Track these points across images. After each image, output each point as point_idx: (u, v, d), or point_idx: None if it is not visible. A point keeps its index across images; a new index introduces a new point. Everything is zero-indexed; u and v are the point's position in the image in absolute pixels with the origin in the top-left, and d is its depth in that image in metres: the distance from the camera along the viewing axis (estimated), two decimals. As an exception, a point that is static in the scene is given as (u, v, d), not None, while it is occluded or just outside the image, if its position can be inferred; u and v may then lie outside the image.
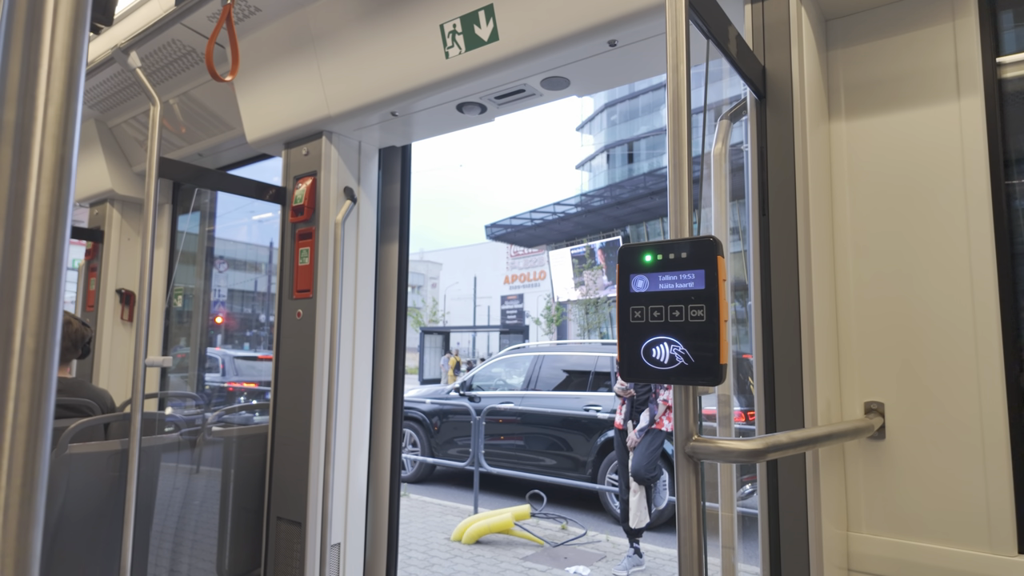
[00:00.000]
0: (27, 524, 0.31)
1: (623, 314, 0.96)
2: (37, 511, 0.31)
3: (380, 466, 2.44)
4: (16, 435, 0.30)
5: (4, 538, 0.30)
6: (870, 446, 1.43)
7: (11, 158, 0.32)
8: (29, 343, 0.31)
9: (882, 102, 1.49)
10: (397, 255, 2.55)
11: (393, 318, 2.50)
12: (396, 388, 2.48)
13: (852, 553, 1.42)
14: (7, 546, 0.30)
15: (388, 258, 2.54)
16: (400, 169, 2.57)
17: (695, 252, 0.90)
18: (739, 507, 1.51)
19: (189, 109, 2.91)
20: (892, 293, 1.43)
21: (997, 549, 1.26)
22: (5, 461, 0.30)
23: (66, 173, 0.33)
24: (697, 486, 0.92)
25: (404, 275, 2.57)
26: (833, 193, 1.53)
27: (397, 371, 2.50)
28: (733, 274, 1.59)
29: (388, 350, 2.49)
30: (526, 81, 1.91)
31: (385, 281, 2.54)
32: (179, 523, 2.33)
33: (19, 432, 0.31)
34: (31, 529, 0.31)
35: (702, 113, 1.51)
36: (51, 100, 0.33)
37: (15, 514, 0.31)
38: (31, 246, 0.32)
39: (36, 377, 0.31)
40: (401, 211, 2.57)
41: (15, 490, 0.30)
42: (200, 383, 3.60)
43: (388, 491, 2.43)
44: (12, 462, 0.30)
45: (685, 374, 0.89)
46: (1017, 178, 1.41)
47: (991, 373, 1.30)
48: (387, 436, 2.46)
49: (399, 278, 2.52)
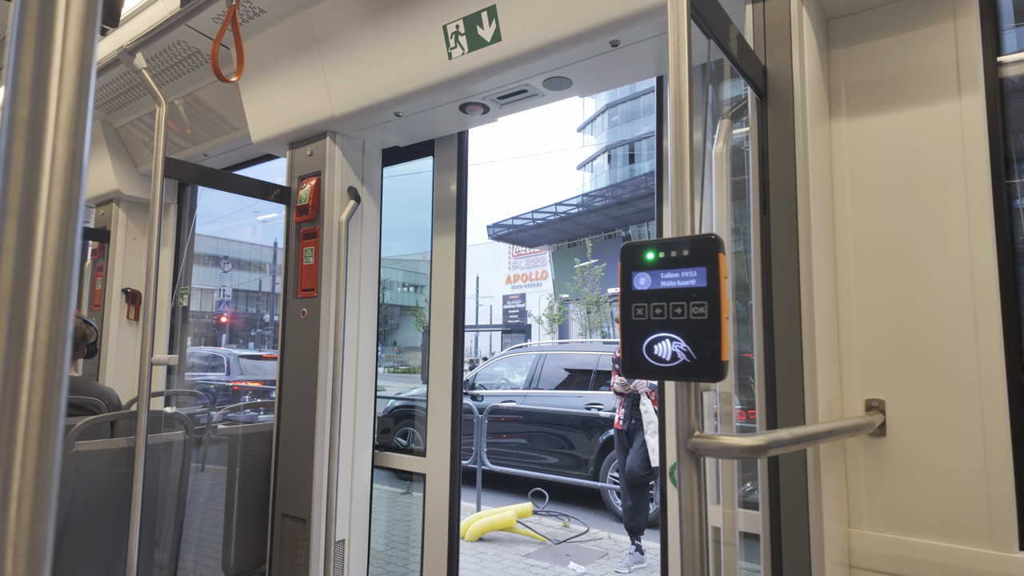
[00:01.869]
0: (40, 513, 0.32)
1: (625, 311, 0.97)
2: (50, 501, 0.32)
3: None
4: (30, 426, 0.31)
5: (18, 527, 0.31)
6: (871, 443, 1.43)
7: (24, 153, 0.33)
8: (42, 336, 0.32)
9: (883, 101, 1.49)
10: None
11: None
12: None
13: (853, 550, 1.43)
14: (20, 535, 0.31)
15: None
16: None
17: (696, 250, 0.91)
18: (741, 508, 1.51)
19: (194, 110, 2.93)
20: (893, 291, 1.44)
21: (998, 546, 1.27)
22: (19, 452, 0.31)
23: (77, 169, 0.34)
24: (699, 482, 0.93)
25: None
26: (834, 192, 1.53)
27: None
28: (734, 273, 1.61)
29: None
30: (528, 81, 1.92)
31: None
32: (185, 520, 2.35)
33: (32, 423, 0.31)
34: (44, 518, 0.32)
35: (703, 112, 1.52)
36: (63, 97, 0.34)
37: (28, 504, 0.31)
38: (44, 240, 0.32)
39: (49, 369, 0.32)
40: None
41: (28, 480, 0.31)
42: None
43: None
44: (26, 452, 0.31)
45: (687, 371, 0.90)
46: (1018, 177, 1.41)
47: (992, 370, 1.31)
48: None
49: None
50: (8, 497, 0.31)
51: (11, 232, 0.32)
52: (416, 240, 2.61)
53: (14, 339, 0.31)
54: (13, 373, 0.31)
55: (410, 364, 9.91)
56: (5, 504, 0.30)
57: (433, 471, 2.41)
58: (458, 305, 2.41)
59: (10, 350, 0.31)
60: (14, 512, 0.31)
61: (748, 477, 1.65)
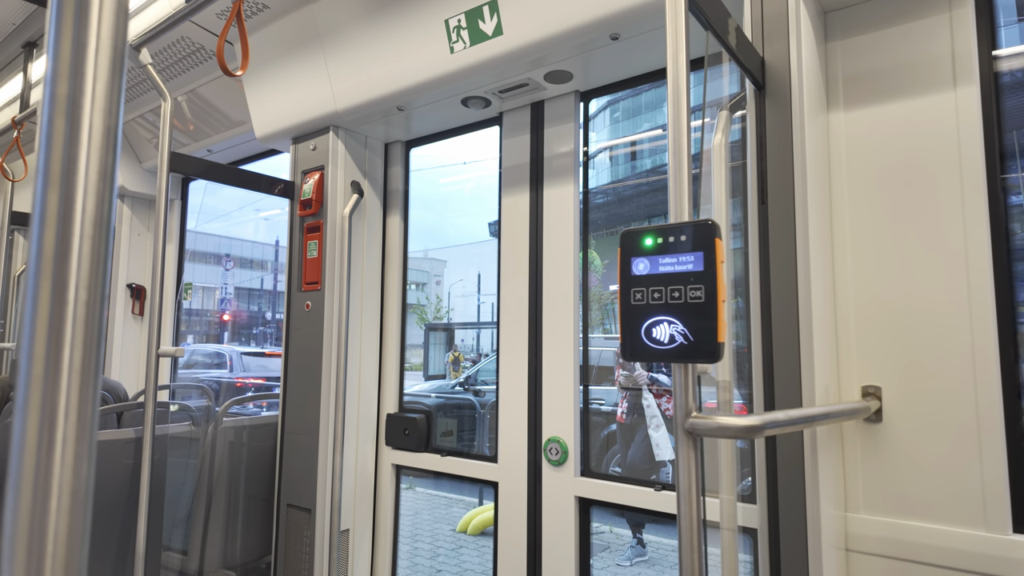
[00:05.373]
0: (82, 457, 0.35)
1: (624, 296, 0.99)
2: (91, 445, 0.35)
3: (387, 454, 2.48)
4: (71, 377, 0.35)
5: (62, 471, 0.34)
6: (867, 429, 1.46)
7: (64, 128, 0.36)
8: (82, 295, 0.35)
9: (879, 93, 1.51)
10: (401, 245, 2.58)
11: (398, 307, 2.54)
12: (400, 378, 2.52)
13: (850, 534, 1.45)
14: (64, 478, 0.34)
15: (392, 246, 2.58)
16: (404, 163, 2.60)
17: (694, 235, 0.93)
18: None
19: (196, 107, 2.95)
20: (889, 279, 1.46)
21: (993, 528, 1.29)
22: (62, 400, 0.34)
23: (112, 142, 0.37)
24: (697, 462, 0.95)
25: (405, 265, 2.61)
26: (831, 182, 1.56)
27: (400, 365, 2.54)
28: (732, 271, 1.62)
29: (392, 340, 2.53)
30: (529, 75, 1.94)
31: (389, 269, 2.57)
32: (191, 510, 2.38)
33: (74, 375, 0.35)
34: (86, 462, 0.35)
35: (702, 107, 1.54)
36: (99, 75, 0.37)
37: (72, 448, 0.35)
38: (82, 208, 0.35)
39: (89, 325, 0.35)
40: (404, 204, 2.60)
41: (71, 426, 0.34)
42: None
43: (395, 479, 2.47)
44: (68, 401, 0.34)
45: (684, 353, 0.92)
46: (1013, 166, 1.43)
47: (986, 357, 1.33)
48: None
49: (403, 266, 2.56)
50: (53, 440, 0.33)
51: (53, 201, 0.35)
52: (414, 238, 2.63)
53: (57, 298, 0.34)
54: (56, 328, 0.34)
55: (411, 362, 9.94)
56: (51, 445, 0.33)
57: (507, 480, 2.14)
58: (534, 283, 2.13)
59: (54, 308, 0.34)
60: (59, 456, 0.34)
61: (746, 473, 1.67)
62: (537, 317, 2.09)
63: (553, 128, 2.13)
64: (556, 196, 2.10)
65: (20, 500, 0.34)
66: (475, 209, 8.82)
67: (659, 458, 4.44)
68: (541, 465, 2.03)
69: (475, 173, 6.72)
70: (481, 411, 6.15)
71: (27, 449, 0.34)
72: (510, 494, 2.08)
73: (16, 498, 0.34)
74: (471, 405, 6.67)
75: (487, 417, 6.27)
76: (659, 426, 4.43)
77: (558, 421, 2.00)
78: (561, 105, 2.11)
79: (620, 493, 1.87)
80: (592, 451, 5.81)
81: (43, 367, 0.34)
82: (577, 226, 2.06)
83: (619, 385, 4.79)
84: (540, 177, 2.15)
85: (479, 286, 20.78)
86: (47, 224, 0.34)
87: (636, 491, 1.84)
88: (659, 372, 4.56)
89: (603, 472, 2.00)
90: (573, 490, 1.95)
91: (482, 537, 4.88)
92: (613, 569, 4.23)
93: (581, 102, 2.12)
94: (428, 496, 6.08)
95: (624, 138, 14.65)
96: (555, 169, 2.11)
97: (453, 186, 8.34)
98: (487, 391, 7.15)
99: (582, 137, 2.13)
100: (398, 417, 2.42)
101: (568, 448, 1.97)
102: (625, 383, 4.66)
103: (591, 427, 2.07)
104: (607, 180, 15.01)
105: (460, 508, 5.66)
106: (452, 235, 16.83)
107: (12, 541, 0.33)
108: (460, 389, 7.39)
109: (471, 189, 9.36)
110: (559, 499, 1.98)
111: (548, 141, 2.14)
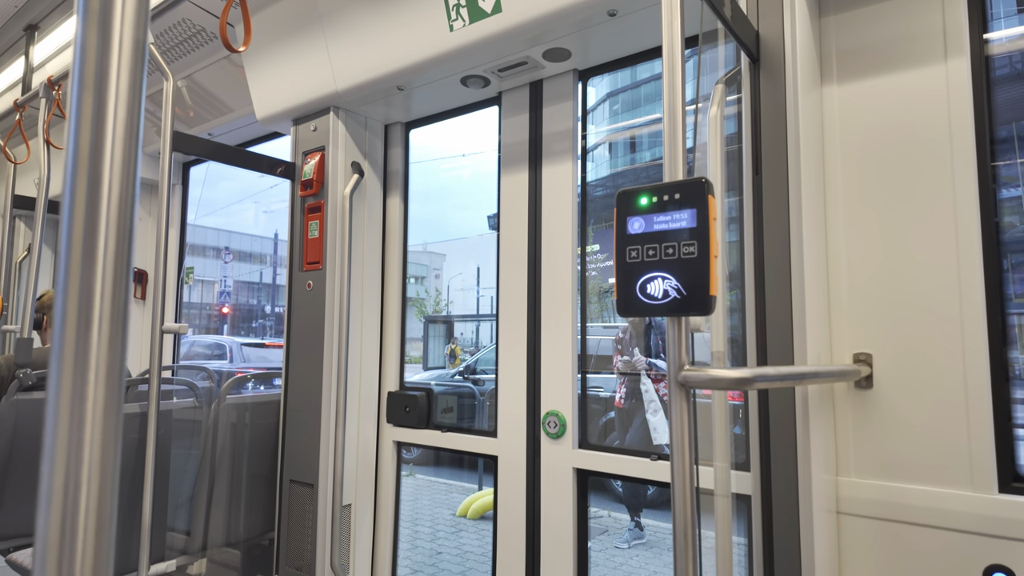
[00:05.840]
0: (112, 409, 0.38)
1: (620, 254, 1.02)
2: (118, 415, 0.39)
3: (388, 431, 2.52)
4: (102, 330, 0.38)
5: (92, 427, 0.37)
6: (858, 395, 1.49)
7: (92, 105, 0.39)
8: (110, 261, 0.39)
9: (872, 66, 1.54)
10: (401, 225, 2.60)
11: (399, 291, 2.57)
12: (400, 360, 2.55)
13: (841, 497, 1.49)
14: (95, 434, 0.37)
15: (392, 227, 2.60)
16: (404, 145, 2.62)
17: (687, 192, 0.96)
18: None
19: (193, 93, 2.97)
20: (881, 250, 1.49)
21: (979, 488, 1.33)
22: (93, 355, 0.38)
23: (135, 118, 0.41)
24: (689, 414, 0.98)
25: (406, 247, 2.63)
26: (825, 154, 1.58)
27: (401, 343, 2.57)
28: (727, 265, 1.65)
29: (393, 324, 2.56)
30: (528, 53, 1.96)
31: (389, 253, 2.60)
32: (194, 489, 2.42)
33: (104, 326, 0.39)
34: (114, 415, 0.39)
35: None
36: (123, 58, 0.40)
37: (101, 403, 0.38)
38: (109, 182, 0.39)
39: (116, 284, 0.40)
40: (404, 184, 2.63)
41: (100, 397, 0.38)
42: None
43: (396, 455, 2.51)
44: (99, 355, 0.38)
45: (677, 306, 0.95)
46: (1001, 138, 1.46)
47: (975, 326, 1.36)
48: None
49: (403, 247, 2.58)
50: (85, 397, 0.37)
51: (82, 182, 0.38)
52: (414, 231, 2.65)
53: (87, 261, 0.38)
54: (86, 299, 0.38)
55: (410, 355, 9.99)
56: (82, 416, 0.37)
57: (507, 454, 2.16)
58: (533, 261, 2.14)
59: (84, 277, 0.38)
60: (90, 412, 0.37)
61: (739, 456, 1.69)
62: (536, 294, 2.12)
63: (552, 107, 2.15)
64: (555, 175, 2.12)
65: (55, 468, 0.36)
66: (474, 203, 8.82)
67: (656, 442, 4.48)
68: (540, 438, 2.07)
69: (473, 167, 6.70)
70: (481, 398, 6.19)
71: (60, 419, 0.37)
72: (510, 467, 2.12)
73: (51, 466, 0.36)
74: (471, 393, 6.71)
75: (487, 404, 6.31)
76: (657, 411, 4.46)
77: (556, 395, 2.04)
78: (560, 84, 2.13)
79: (617, 464, 1.91)
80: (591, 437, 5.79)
81: (74, 345, 0.38)
82: (576, 204, 2.09)
83: (617, 371, 4.83)
84: (539, 157, 2.18)
85: (478, 279, 20.65)
86: (77, 200, 0.38)
87: (633, 461, 1.88)
88: (657, 358, 4.60)
89: (601, 444, 2.03)
90: (571, 462, 1.98)
91: (482, 521, 4.93)
92: (611, 551, 4.28)
93: (580, 81, 2.14)
94: (428, 483, 6.13)
95: (624, 124, 14.54)
96: (554, 148, 2.14)
97: (452, 172, 8.32)
98: (487, 380, 7.19)
99: (581, 116, 2.16)
100: (399, 395, 2.45)
101: (566, 421, 2.01)
102: (624, 368, 4.70)
103: (590, 415, 2.10)
104: (606, 173, 15.00)
105: (460, 494, 5.71)
106: (451, 229, 16.58)
107: (47, 505, 0.36)
108: (460, 378, 7.44)
109: (469, 178, 9.33)
110: (557, 471, 2.01)
111: (547, 120, 2.16)
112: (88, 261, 0.39)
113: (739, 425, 1.70)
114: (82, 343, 0.38)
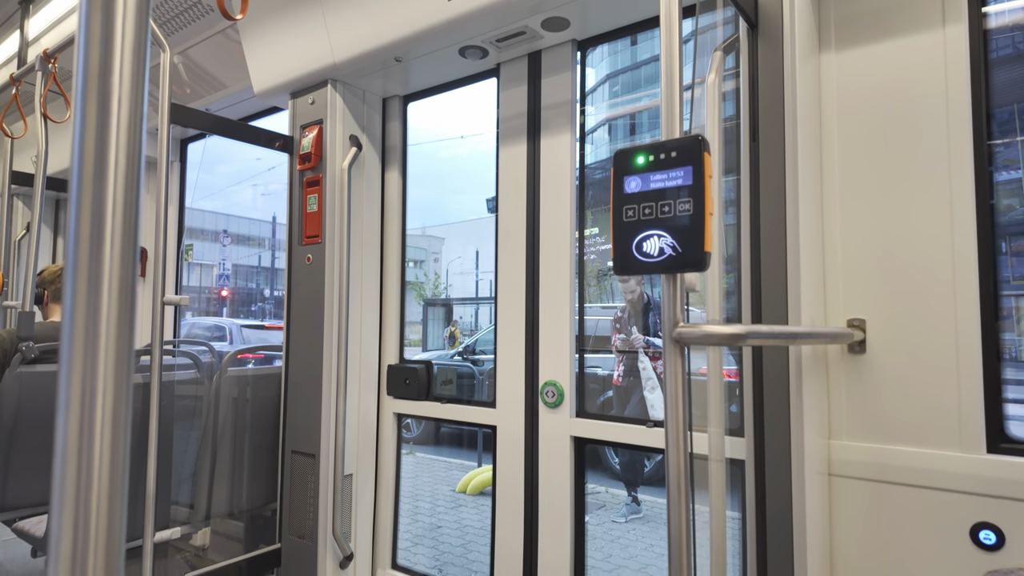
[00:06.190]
0: (121, 382, 0.40)
1: (617, 213, 1.03)
2: (128, 383, 0.40)
3: (388, 403, 2.54)
4: (111, 297, 0.40)
5: (103, 401, 0.38)
6: (851, 360, 1.51)
7: (97, 87, 0.40)
8: (118, 236, 0.41)
9: (870, 33, 1.54)
10: (400, 200, 2.61)
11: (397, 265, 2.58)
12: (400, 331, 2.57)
13: (833, 460, 1.52)
14: (105, 411, 0.38)
15: (391, 202, 2.61)
16: (402, 119, 2.62)
17: (683, 150, 0.97)
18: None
19: (192, 71, 2.95)
20: (876, 217, 1.50)
21: (967, 449, 1.36)
22: (104, 325, 0.39)
23: (139, 98, 0.42)
24: (683, 369, 1.00)
25: (404, 223, 2.64)
26: (822, 122, 1.59)
27: (400, 319, 2.59)
28: (724, 248, 1.66)
29: (392, 297, 2.57)
30: (527, 22, 1.95)
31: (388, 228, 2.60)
32: (198, 460, 2.45)
33: (113, 294, 0.40)
34: (124, 388, 0.40)
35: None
36: (126, 40, 0.42)
37: (112, 374, 0.39)
38: (115, 158, 0.40)
39: (124, 259, 0.41)
40: (402, 159, 2.63)
41: (111, 366, 0.39)
42: None
43: (396, 427, 2.54)
44: (108, 324, 0.39)
45: (673, 263, 0.97)
46: (996, 105, 1.46)
47: (967, 290, 1.38)
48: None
49: (402, 225, 2.59)
50: (96, 363, 0.38)
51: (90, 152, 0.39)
52: (412, 215, 2.65)
53: (95, 234, 0.39)
54: (95, 275, 0.39)
55: (410, 338, 10.05)
56: (93, 384, 0.38)
57: (505, 423, 2.18)
58: (531, 236, 2.15)
59: (93, 254, 0.39)
60: (101, 385, 0.39)
61: (734, 425, 1.71)
62: (534, 266, 2.14)
63: (551, 78, 2.14)
64: (554, 147, 2.12)
65: (68, 434, 0.37)
66: (473, 186, 8.81)
67: (653, 419, 4.53)
68: (538, 408, 2.09)
69: (472, 148, 6.67)
70: (480, 377, 6.24)
71: (73, 387, 0.38)
72: (508, 437, 2.15)
73: (64, 433, 0.37)
74: (471, 373, 6.76)
75: (486, 383, 6.34)
76: (654, 388, 4.51)
77: (554, 365, 2.06)
78: (558, 55, 2.12)
79: (614, 431, 1.94)
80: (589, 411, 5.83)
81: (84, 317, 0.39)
82: (574, 176, 2.09)
83: (615, 349, 4.87)
84: (537, 129, 2.17)
85: (477, 263, 20.73)
86: (84, 173, 0.40)
87: (629, 429, 1.91)
88: (655, 336, 4.63)
89: (597, 413, 2.06)
90: (569, 430, 2.01)
91: (481, 496, 4.99)
92: (608, 525, 4.35)
93: (578, 51, 2.13)
94: (429, 460, 6.20)
95: (624, 99, 14.44)
96: (553, 121, 2.14)
97: (451, 152, 8.29)
98: (486, 360, 7.24)
99: (580, 88, 2.15)
100: (399, 368, 2.48)
101: (564, 391, 2.03)
102: (622, 346, 4.74)
103: (588, 394, 2.12)
104: (606, 155, 14.90)
105: (459, 471, 5.78)
106: (450, 213, 16.56)
107: (62, 473, 0.37)
108: (459, 359, 7.48)
109: (468, 160, 9.28)
110: (555, 440, 2.04)
111: (546, 92, 2.16)
112: (97, 223, 0.40)
113: (735, 403, 1.73)
114: (92, 311, 0.39)
